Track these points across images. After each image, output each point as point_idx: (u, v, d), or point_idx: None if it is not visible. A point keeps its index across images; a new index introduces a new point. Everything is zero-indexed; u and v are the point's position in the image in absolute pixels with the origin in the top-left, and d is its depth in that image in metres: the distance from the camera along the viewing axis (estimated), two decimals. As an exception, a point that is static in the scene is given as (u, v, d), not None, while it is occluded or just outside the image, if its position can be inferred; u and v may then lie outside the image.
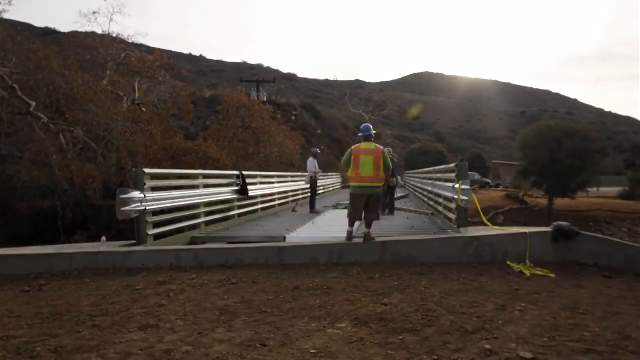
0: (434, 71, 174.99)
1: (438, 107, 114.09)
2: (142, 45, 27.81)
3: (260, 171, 16.08)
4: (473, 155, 43.95)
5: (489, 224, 7.25)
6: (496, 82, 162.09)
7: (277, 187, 13.73)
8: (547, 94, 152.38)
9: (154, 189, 6.88)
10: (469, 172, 7.24)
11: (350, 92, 56.74)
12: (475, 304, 4.00)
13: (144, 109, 20.50)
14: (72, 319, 3.73)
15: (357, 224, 6.74)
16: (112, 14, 22.82)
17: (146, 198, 6.50)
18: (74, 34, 24.65)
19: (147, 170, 6.81)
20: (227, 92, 27.54)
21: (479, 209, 7.47)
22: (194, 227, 8.35)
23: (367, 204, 6.27)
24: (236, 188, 10.04)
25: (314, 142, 44.22)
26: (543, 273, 5.26)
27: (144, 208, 6.46)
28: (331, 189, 26.17)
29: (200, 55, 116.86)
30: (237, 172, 10.43)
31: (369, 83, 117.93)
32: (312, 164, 12.38)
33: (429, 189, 11.48)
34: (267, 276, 5.20)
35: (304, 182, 14.76)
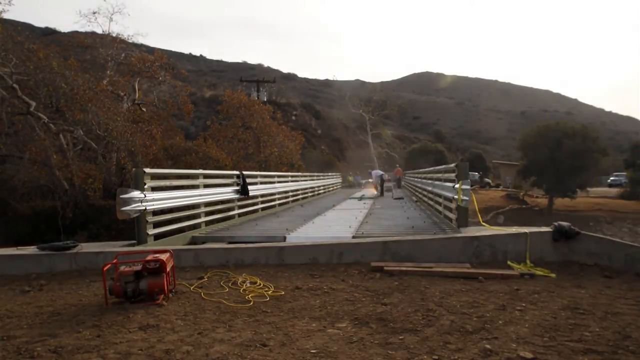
0: (434, 71, 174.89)
1: (438, 107, 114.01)
2: (142, 45, 27.81)
3: (260, 171, 16.09)
4: (473, 155, 43.96)
5: (485, 224, 7.24)
6: (496, 82, 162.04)
7: (277, 187, 13.77)
8: (547, 93, 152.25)
9: (154, 189, 6.89)
10: (470, 172, 7.24)
11: (350, 92, 56.72)
12: (475, 304, 4.00)
13: (144, 109, 20.50)
14: (72, 319, 3.73)
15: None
16: (112, 14, 22.88)
17: (146, 198, 6.51)
18: (74, 34, 24.65)
19: (147, 170, 6.81)
20: (227, 92, 27.45)
21: (477, 210, 7.46)
22: (194, 226, 8.35)
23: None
24: (236, 188, 10.05)
25: (314, 142, 44.25)
26: (543, 273, 5.25)
27: (144, 208, 6.46)
28: (331, 189, 25.71)
29: (200, 55, 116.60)
30: (237, 172, 10.45)
31: (369, 83, 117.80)
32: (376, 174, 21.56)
33: (429, 188, 11.50)
34: (267, 276, 5.20)
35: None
